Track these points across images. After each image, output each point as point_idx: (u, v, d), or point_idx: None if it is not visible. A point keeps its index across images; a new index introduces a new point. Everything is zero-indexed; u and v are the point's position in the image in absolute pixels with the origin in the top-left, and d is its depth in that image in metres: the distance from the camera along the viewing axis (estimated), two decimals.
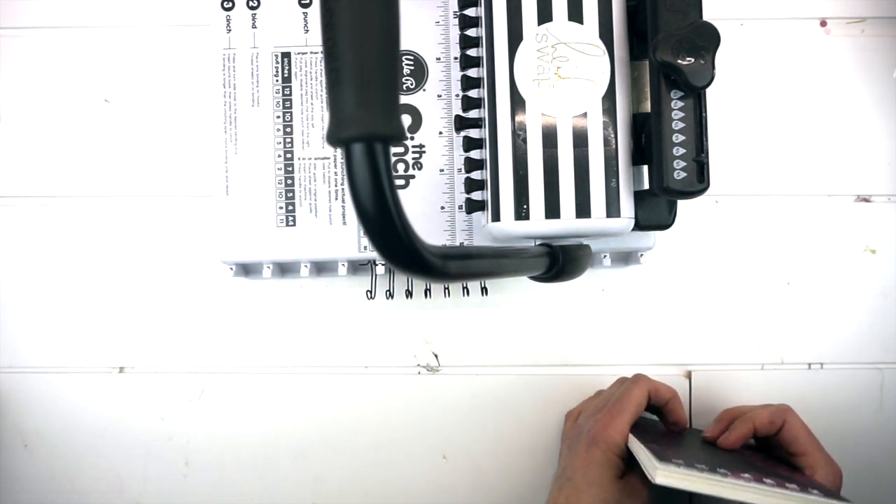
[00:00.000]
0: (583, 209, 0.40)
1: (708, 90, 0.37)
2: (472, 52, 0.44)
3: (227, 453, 0.50)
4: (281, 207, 0.45)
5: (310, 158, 0.45)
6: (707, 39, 0.36)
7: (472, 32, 0.44)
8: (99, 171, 0.50)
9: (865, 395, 0.50)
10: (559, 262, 0.38)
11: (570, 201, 0.40)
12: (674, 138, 0.37)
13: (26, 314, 0.50)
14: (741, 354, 0.50)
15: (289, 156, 0.45)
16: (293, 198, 0.45)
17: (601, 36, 0.40)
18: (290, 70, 0.45)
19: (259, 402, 0.49)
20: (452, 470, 0.49)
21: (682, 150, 0.37)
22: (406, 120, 0.45)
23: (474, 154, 0.44)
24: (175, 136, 0.50)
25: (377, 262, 0.46)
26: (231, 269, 0.46)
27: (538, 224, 0.40)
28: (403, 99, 0.45)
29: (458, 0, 0.44)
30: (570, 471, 0.40)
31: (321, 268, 0.48)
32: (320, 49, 0.45)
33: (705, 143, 0.37)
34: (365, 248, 0.45)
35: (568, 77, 0.40)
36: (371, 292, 0.46)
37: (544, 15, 0.40)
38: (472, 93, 0.44)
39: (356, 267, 0.47)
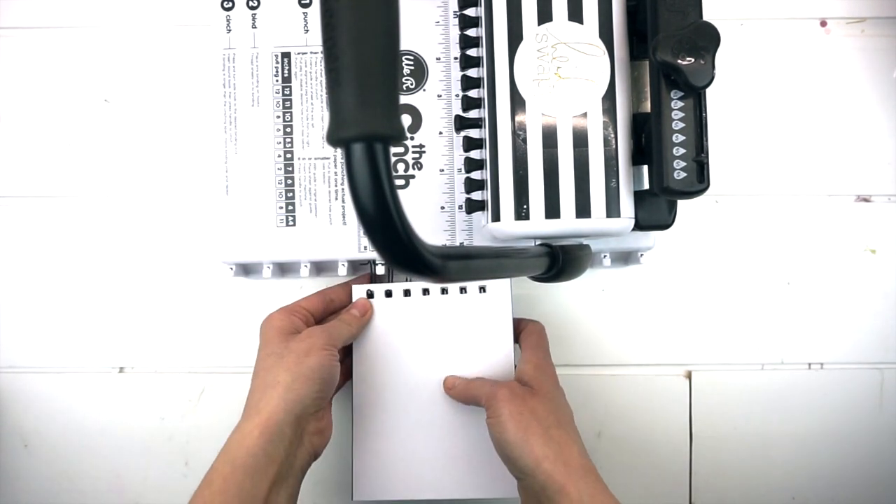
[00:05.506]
0: (583, 209, 0.40)
1: (708, 90, 0.37)
2: (472, 52, 0.44)
3: None
4: (281, 207, 0.45)
5: (310, 158, 0.45)
6: (707, 39, 0.36)
7: (472, 32, 0.44)
8: (98, 170, 0.50)
9: (865, 395, 0.50)
10: (559, 262, 0.38)
11: (570, 201, 0.40)
12: (674, 138, 0.37)
13: (26, 314, 0.50)
14: (741, 354, 0.50)
15: (289, 156, 0.45)
16: (293, 198, 0.45)
17: (601, 36, 0.40)
18: (290, 70, 0.45)
19: None
20: None
21: (682, 150, 0.37)
22: (406, 120, 0.45)
23: (474, 154, 0.44)
24: (175, 136, 0.50)
25: (377, 262, 0.46)
26: (231, 269, 0.46)
27: (538, 224, 0.40)
28: (403, 99, 0.45)
29: (458, 0, 0.44)
30: None
31: (321, 268, 0.48)
32: (320, 49, 0.45)
33: (705, 143, 0.37)
34: (365, 248, 0.45)
35: (568, 77, 0.40)
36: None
37: (544, 15, 0.40)
38: (472, 93, 0.44)
39: (356, 267, 0.47)
